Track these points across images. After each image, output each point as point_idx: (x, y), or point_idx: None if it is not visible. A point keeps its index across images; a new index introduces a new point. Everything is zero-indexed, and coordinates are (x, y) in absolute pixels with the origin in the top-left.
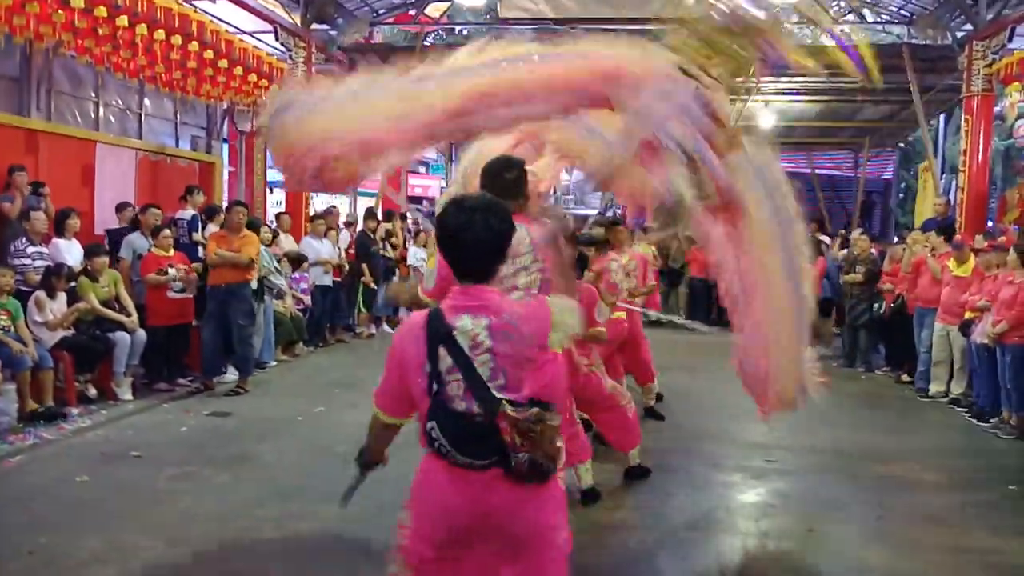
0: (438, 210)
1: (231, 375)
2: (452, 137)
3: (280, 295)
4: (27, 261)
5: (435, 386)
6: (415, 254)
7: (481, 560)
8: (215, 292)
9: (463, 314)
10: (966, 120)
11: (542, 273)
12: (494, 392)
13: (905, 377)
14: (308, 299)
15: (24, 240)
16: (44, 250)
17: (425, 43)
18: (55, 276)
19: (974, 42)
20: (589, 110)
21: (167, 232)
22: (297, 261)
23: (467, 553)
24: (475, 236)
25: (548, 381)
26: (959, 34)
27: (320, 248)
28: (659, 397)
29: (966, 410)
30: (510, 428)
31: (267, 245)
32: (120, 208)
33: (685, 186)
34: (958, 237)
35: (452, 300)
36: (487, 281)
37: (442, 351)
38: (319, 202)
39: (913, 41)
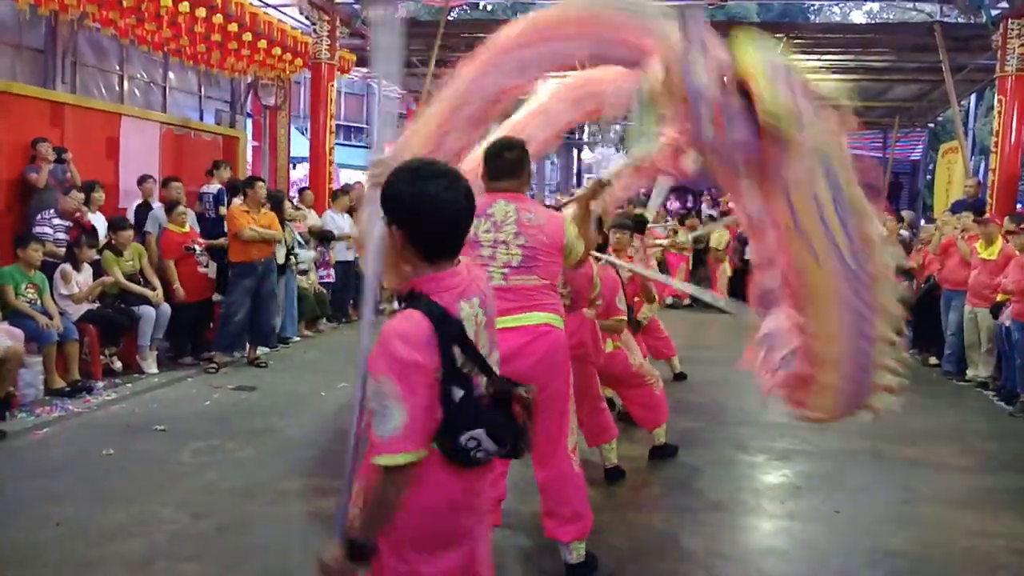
0: None
1: (262, 349)
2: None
3: (304, 271)
4: (48, 230)
5: (459, 392)
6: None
7: (454, 564)
8: (249, 268)
9: (460, 301)
10: (999, 100)
11: (523, 252)
12: (495, 369)
13: (932, 360)
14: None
15: (52, 211)
16: (69, 224)
17: (450, 17)
18: (79, 246)
19: (1009, 20)
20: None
21: (181, 208)
22: (322, 236)
23: (442, 558)
24: (448, 201)
25: None
26: (994, 12)
27: (342, 223)
28: (683, 376)
29: (994, 393)
30: (521, 409)
31: (291, 220)
32: (141, 181)
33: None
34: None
35: (442, 291)
36: (456, 257)
37: (456, 351)
38: (343, 177)
39: (945, 19)
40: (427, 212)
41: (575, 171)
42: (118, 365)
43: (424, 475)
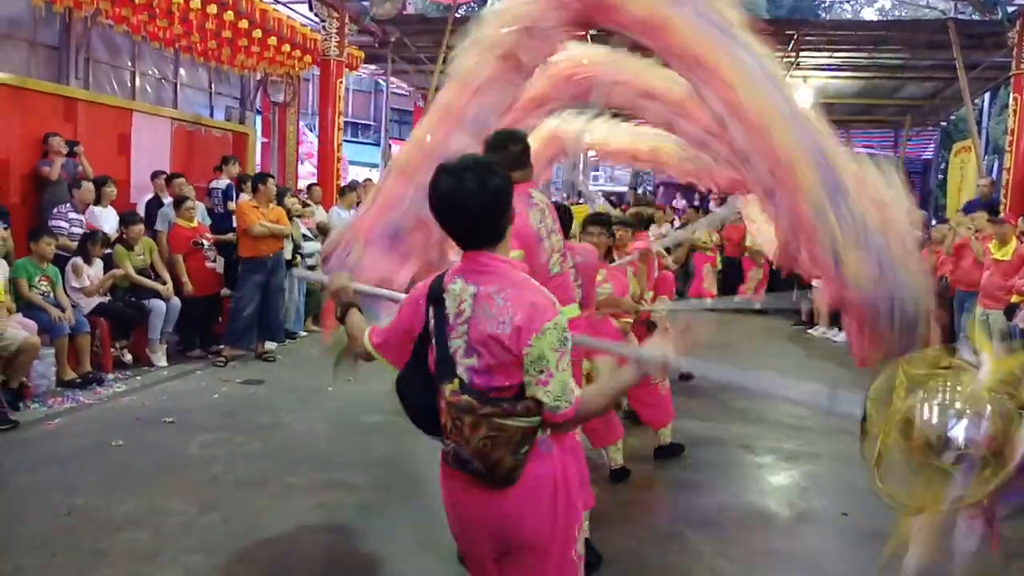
0: None
1: (270, 344)
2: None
3: (312, 266)
4: (64, 224)
5: (421, 345)
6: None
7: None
8: (259, 263)
9: (459, 277)
10: (1015, 99)
11: (560, 237)
12: (460, 370)
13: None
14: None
15: (68, 205)
16: (83, 218)
17: (457, 15)
18: (91, 242)
19: None
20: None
21: (189, 203)
22: (328, 233)
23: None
24: (468, 196)
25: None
26: (1010, 9)
27: (348, 220)
28: (689, 376)
29: None
30: (444, 409)
31: (298, 216)
32: (155, 176)
33: None
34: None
35: (457, 263)
36: (493, 247)
37: (431, 311)
38: (351, 173)
39: (959, 16)
40: (438, 207)
41: (581, 169)
42: (128, 358)
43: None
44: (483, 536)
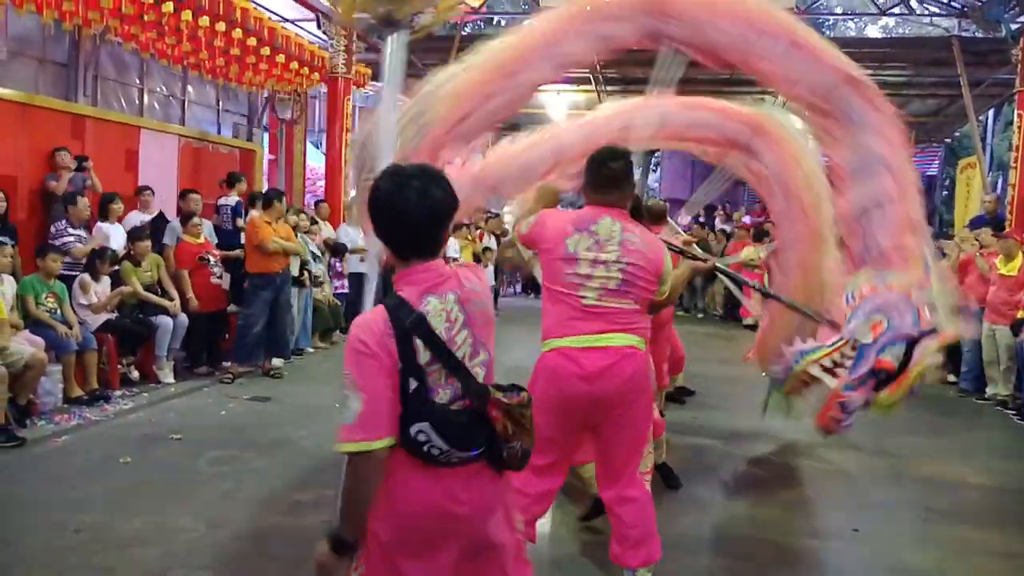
0: None
1: (277, 361)
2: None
3: (319, 283)
4: (68, 240)
5: (414, 383)
6: (451, 246)
7: (441, 565)
8: (268, 279)
9: (427, 296)
10: (1019, 115)
11: (623, 275)
12: (477, 371)
13: (951, 378)
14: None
15: (64, 222)
16: (83, 234)
17: (463, 32)
18: (99, 259)
19: None
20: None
21: (197, 219)
22: (336, 250)
23: (429, 559)
24: (413, 204)
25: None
26: (1013, 26)
27: (356, 236)
28: (689, 392)
29: (1014, 412)
30: (502, 416)
31: (305, 232)
32: (139, 191)
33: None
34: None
35: (407, 285)
36: (434, 257)
37: (417, 343)
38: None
39: (963, 34)
40: (385, 216)
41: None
42: (135, 374)
43: (400, 478)
44: (462, 534)
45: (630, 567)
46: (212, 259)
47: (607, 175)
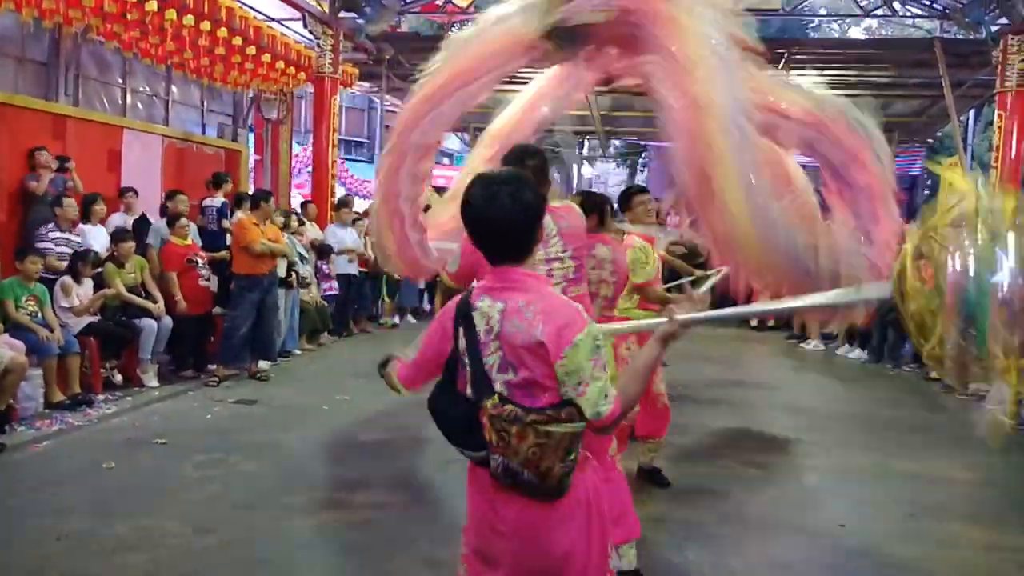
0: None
1: (263, 363)
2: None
3: (305, 284)
4: (50, 246)
5: (452, 364)
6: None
7: None
8: (255, 281)
9: (486, 295)
10: (999, 116)
11: (575, 262)
12: (497, 384)
13: (933, 374)
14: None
15: (50, 225)
16: (68, 236)
17: (451, 32)
18: (81, 261)
19: (1009, 36)
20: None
21: (184, 221)
22: (322, 251)
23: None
24: (502, 211)
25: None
26: (993, 28)
27: (344, 236)
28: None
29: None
30: (488, 424)
31: (292, 233)
32: (122, 193)
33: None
34: None
35: (484, 281)
36: (521, 262)
37: (461, 331)
38: (344, 190)
39: (945, 36)
40: (469, 218)
41: (574, 186)
42: (118, 378)
43: (470, 483)
44: (511, 555)
45: (613, 544)
46: (200, 261)
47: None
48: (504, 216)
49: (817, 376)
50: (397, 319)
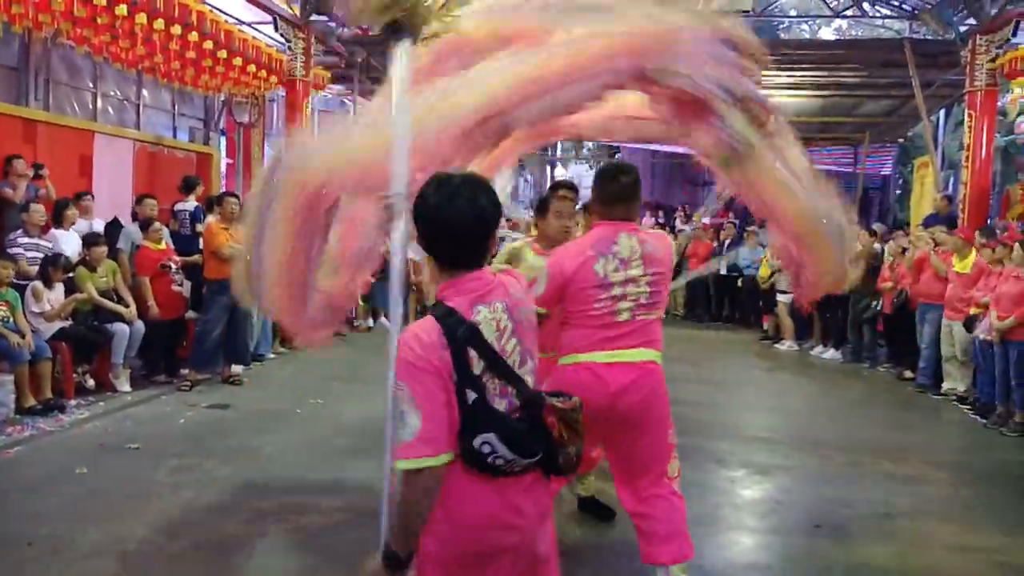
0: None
1: (236, 367)
2: (486, 142)
3: None
4: (20, 251)
5: (472, 395)
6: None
7: None
8: (226, 285)
9: (477, 305)
10: (969, 115)
11: (651, 288)
12: (528, 379)
13: (908, 373)
14: None
15: (20, 231)
16: (39, 241)
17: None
18: (52, 266)
19: (977, 36)
20: (626, 87)
21: (157, 225)
22: None
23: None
24: (464, 214)
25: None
26: (962, 29)
27: None
28: None
29: (970, 407)
30: (557, 421)
31: None
32: (79, 198)
33: (744, 124)
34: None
35: (456, 295)
36: (481, 265)
37: (471, 354)
38: None
39: (914, 36)
40: (434, 227)
41: (548, 187)
42: (91, 383)
43: (458, 492)
44: (518, 549)
45: (662, 563)
46: (174, 266)
47: (615, 191)
48: (468, 218)
49: (791, 376)
50: (371, 321)
